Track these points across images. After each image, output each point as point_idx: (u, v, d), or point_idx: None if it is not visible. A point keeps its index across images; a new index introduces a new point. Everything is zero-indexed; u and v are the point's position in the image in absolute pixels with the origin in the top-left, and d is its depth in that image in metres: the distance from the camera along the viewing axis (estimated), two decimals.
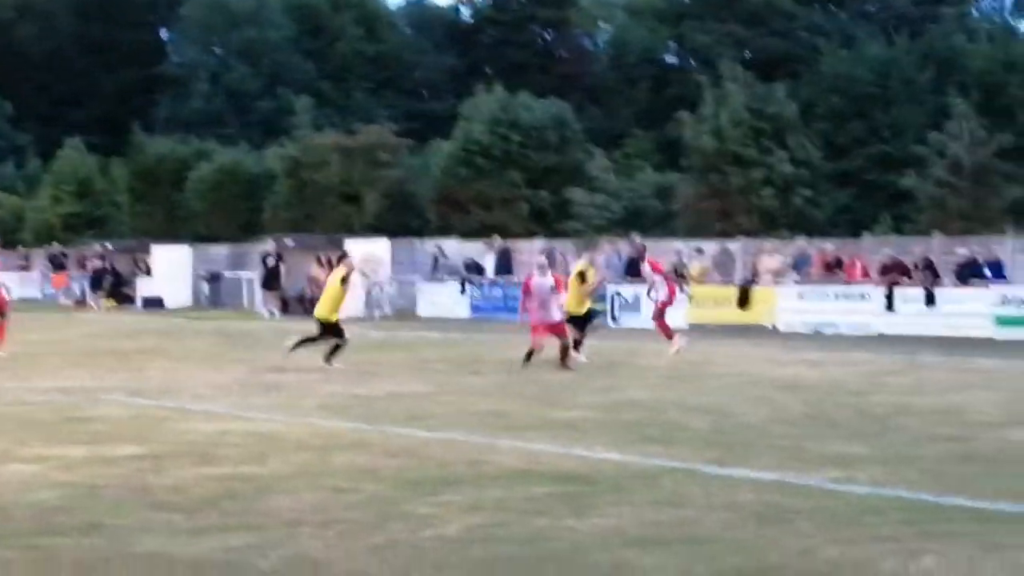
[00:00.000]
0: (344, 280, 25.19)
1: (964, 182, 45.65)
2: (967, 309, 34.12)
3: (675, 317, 34.49)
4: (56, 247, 62.32)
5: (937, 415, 17.16)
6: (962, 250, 36.82)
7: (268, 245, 49.41)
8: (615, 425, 16.34)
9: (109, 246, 57.93)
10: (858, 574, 8.57)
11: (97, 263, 56.40)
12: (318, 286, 48.40)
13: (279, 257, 48.38)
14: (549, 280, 24.60)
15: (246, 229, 60.15)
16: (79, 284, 57.04)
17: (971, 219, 44.45)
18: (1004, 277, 35.36)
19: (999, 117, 51.37)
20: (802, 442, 14.73)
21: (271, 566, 8.94)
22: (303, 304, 49.06)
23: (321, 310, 25.27)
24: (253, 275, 51.18)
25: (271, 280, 48.42)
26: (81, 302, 55.36)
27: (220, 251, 57.57)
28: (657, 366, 25.19)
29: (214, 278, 54.75)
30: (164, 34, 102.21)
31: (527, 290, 24.99)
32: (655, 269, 29.68)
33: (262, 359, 25.79)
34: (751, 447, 14.37)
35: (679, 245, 43.26)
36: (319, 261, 49.36)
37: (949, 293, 34.91)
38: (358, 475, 12.49)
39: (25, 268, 62.89)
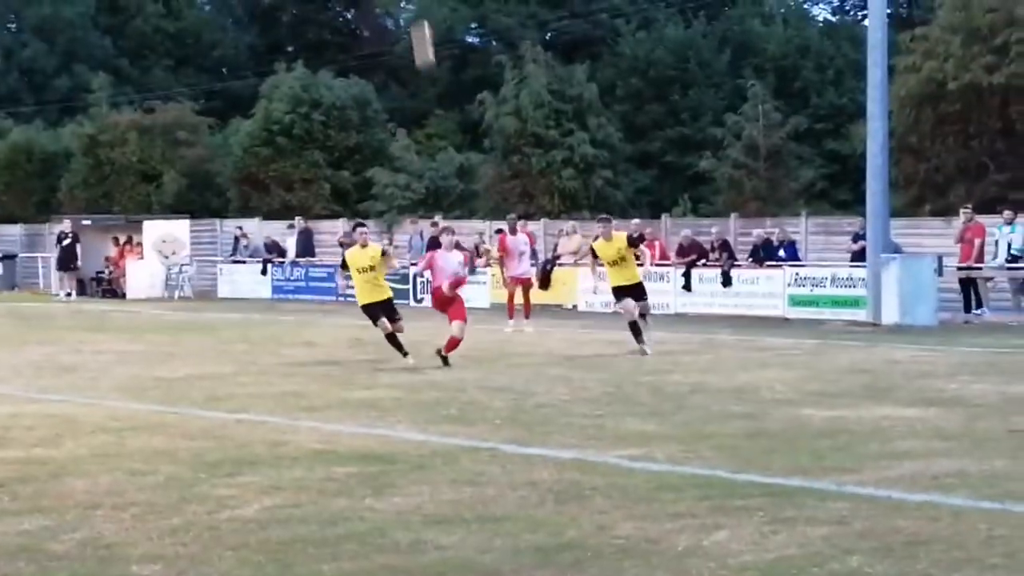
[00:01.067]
0: (384, 254, 22.17)
1: (760, 164, 46.51)
2: (762, 289, 34.83)
3: (477, 297, 34.73)
4: None
5: (732, 393, 17.50)
6: (758, 231, 37.56)
7: (64, 225, 48.56)
8: (416, 405, 16.40)
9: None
10: (653, 549, 8.72)
11: None
12: (116, 267, 48.00)
13: (75, 237, 47.59)
14: (457, 256, 22.78)
15: (42, 209, 59.04)
16: None
17: (767, 201, 45.34)
18: (798, 258, 36.15)
19: (793, 100, 52.45)
20: (601, 421, 14.92)
21: (65, 549, 8.82)
22: (99, 285, 48.44)
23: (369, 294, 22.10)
24: (49, 255, 50.30)
25: (67, 261, 47.63)
26: None
27: (14, 231, 56.45)
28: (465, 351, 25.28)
29: (8, 258, 53.70)
30: None
31: (430, 267, 22.70)
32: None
33: (57, 340, 25.32)
34: (550, 426, 14.52)
35: (480, 225, 43.52)
36: (116, 241, 48.81)
37: (745, 274, 35.60)
38: (155, 457, 12.37)
39: None
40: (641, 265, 24.89)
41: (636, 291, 24.03)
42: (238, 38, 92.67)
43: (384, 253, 22.17)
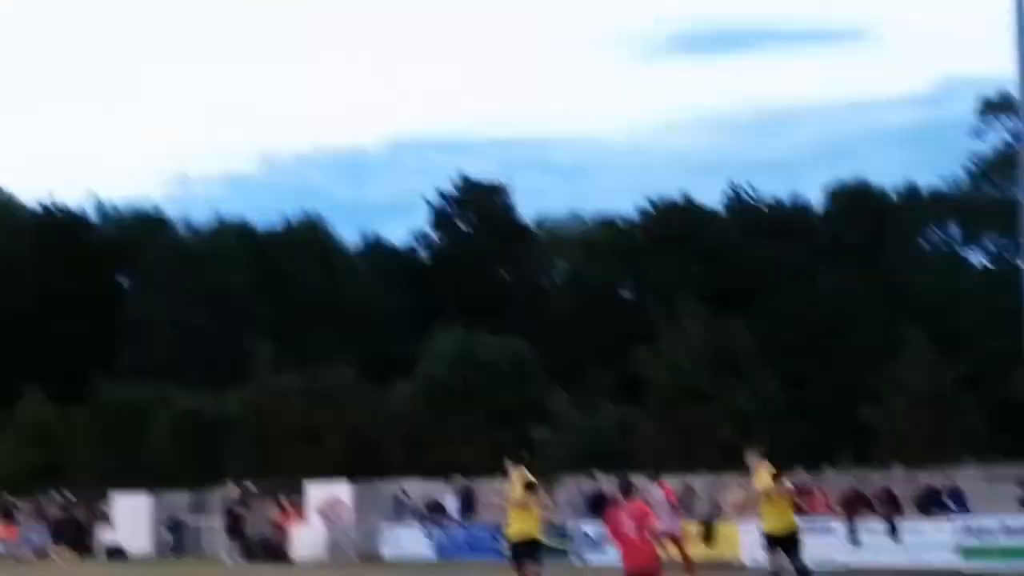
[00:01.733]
0: (530, 486, 22.09)
1: (921, 412, 46.05)
2: (930, 540, 34.17)
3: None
4: (6, 497, 61.76)
5: None
6: (922, 480, 37.01)
7: (229, 490, 49.26)
8: None
9: (69, 495, 57.53)
10: None
11: (57, 513, 56.01)
12: (281, 530, 48.43)
13: (241, 502, 48.20)
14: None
15: (207, 474, 59.91)
16: (36, 535, 56.39)
17: (930, 449, 44.74)
18: (966, 507, 35.48)
19: (953, 346, 52.08)
20: None
21: None
22: (265, 549, 48.84)
23: (520, 528, 22.01)
24: (215, 521, 50.89)
25: (234, 526, 48.17)
26: (43, 554, 54.74)
27: (182, 498, 57.28)
28: None
29: (176, 525, 54.35)
30: (125, 281, 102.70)
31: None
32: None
33: None
34: None
35: (641, 481, 43.32)
36: (279, 505, 49.31)
37: (912, 524, 35.00)
38: None
39: None
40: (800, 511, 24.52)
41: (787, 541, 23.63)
42: (396, 300, 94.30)
43: (532, 485, 21.93)
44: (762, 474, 23.61)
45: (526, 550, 21.80)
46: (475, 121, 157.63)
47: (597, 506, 39.41)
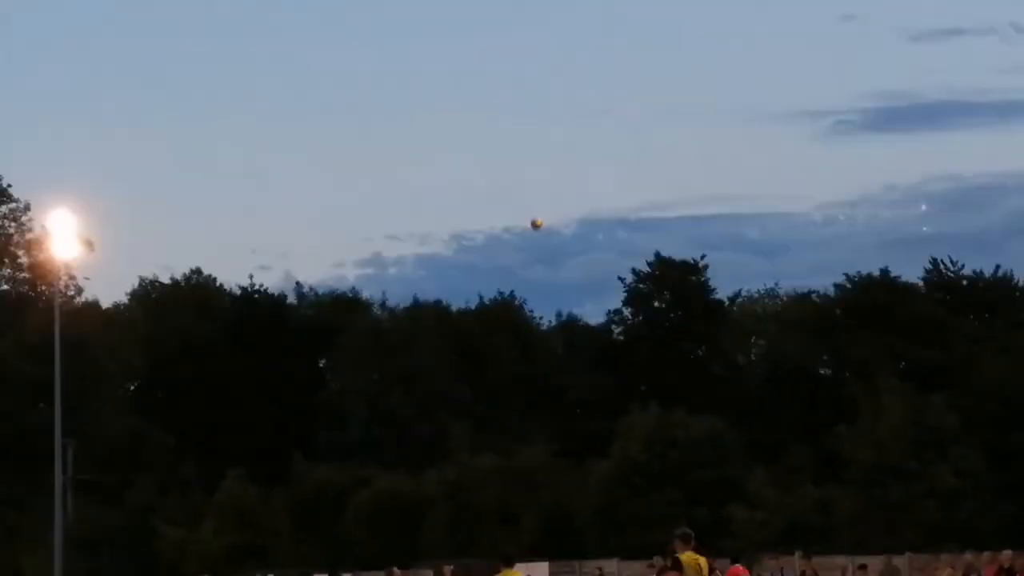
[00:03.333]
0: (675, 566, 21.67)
1: None
2: None
3: None
4: None
5: None
6: None
7: (430, 573, 49.37)
8: None
9: None
10: None
11: None
12: None
13: None
14: None
15: (405, 554, 60.15)
16: None
17: None
18: None
19: None
20: None
21: None
22: None
23: None
24: None
25: None
26: None
27: None
28: None
29: None
30: (323, 363, 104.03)
31: None
32: None
33: None
34: None
35: (842, 561, 42.56)
36: None
37: None
38: None
39: None
40: None
41: None
42: (591, 378, 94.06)
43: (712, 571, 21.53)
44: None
45: None
46: (668, 199, 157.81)
47: None
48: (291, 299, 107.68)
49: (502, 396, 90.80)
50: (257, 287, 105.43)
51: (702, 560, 21.51)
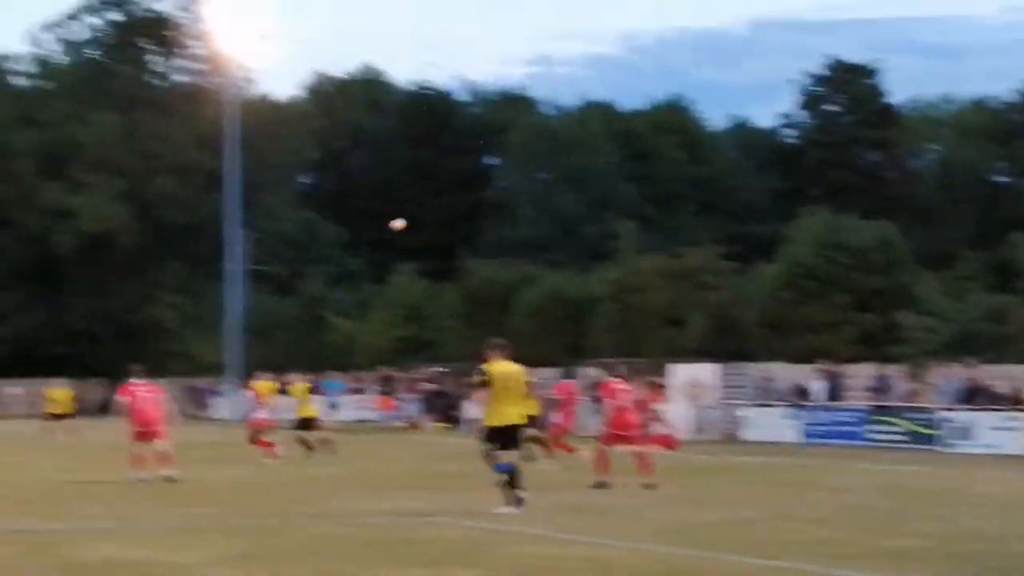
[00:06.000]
0: None
1: None
2: None
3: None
4: (384, 371, 63.80)
5: None
6: None
7: (593, 371, 49.65)
8: (953, 557, 15.82)
9: (440, 369, 59.05)
10: None
11: (428, 386, 57.57)
12: (646, 410, 48.56)
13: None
14: None
15: (571, 353, 60.60)
16: (410, 406, 58.15)
17: None
18: None
19: None
20: None
21: None
22: None
23: None
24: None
25: (598, 404, 48.63)
26: (413, 424, 56.46)
27: (547, 374, 58.05)
28: (995, 494, 24.43)
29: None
30: (491, 160, 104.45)
31: None
32: None
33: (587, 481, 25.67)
34: None
35: (1016, 370, 42.06)
36: (646, 385, 49.28)
37: None
38: None
39: (359, 391, 64.42)
40: None
41: None
42: (761, 182, 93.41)
43: None
44: None
45: None
46: (840, 2, 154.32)
47: (968, 395, 38.55)
48: (459, 96, 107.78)
49: (670, 198, 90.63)
50: (426, 83, 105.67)
51: (515, 368, 20.90)
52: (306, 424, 35.59)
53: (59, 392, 51.09)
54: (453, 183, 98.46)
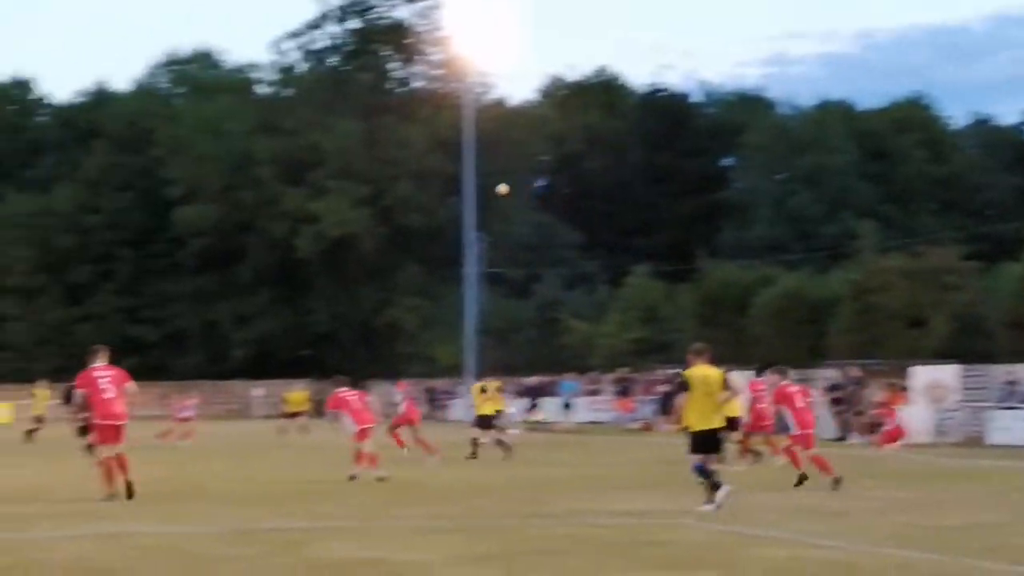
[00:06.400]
0: None
1: None
2: None
3: None
4: (621, 372, 63.83)
5: None
6: None
7: (831, 373, 49.13)
8: None
9: (676, 371, 58.87)
10: None
11: (663, 387, 57.43)
12: (886, 412, 47.88)
13: (856, 382, 47.98)
14: None
15: (810, 354, 59.95)
16: (646, 408, 58.12)
17: None
18: None
19: None
20: None
21: None
22: (872, 432, 48.44)
23: None
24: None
25: (840, 406, 48.13)
26: (647, 425, 56.40)
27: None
28: None
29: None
30: (727, 161, 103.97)
31: None
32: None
33: (828, 485, 25.37)
34: None
35: None
36: (886, 386, 48.62)
37: None
38: None
39: (594, 393, 64.58)
40: None
41: None
42: (1005, 181, 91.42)
43: None
44: None
45: None
46: None
47: None
48: (696, 97, 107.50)
49: (910, 197, 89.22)
50: (662, 85, 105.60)
51: (714, 373, 21.11)
52: (483, 422, 36.78)
53: (295, 394, 52.38)
54: (689, 185, 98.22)
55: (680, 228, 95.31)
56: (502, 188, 37.64)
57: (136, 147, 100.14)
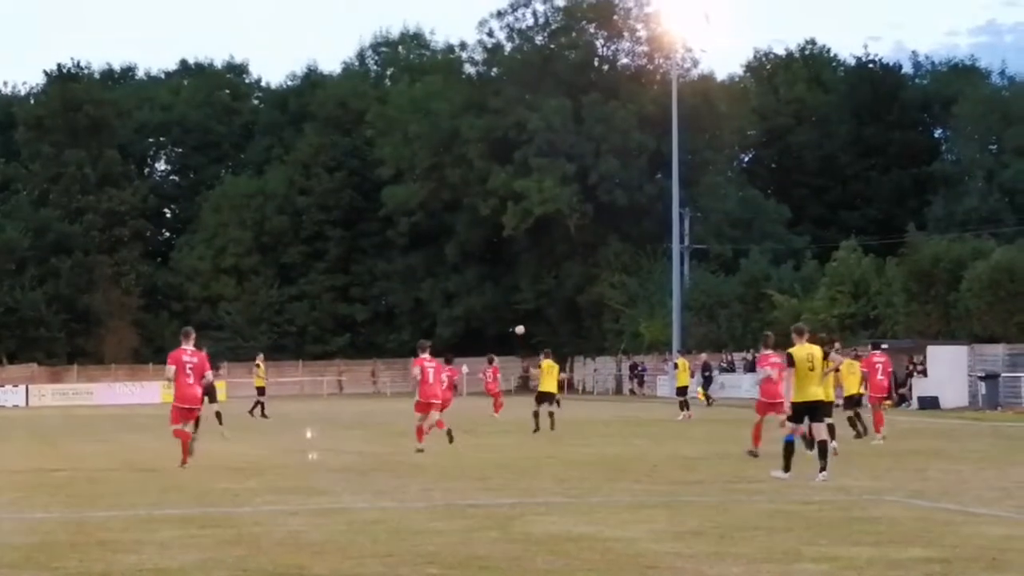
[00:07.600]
0: None
1: None
2: None
3: None
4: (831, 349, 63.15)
5: None
6: None
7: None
8: None
9: (884, 346, 58.13)
10: None
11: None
12: None
13: None
14: None
15: (1020, 331, 58.75)
16: None
17: None
18: None
19: None
20: None
21: None
22: None
23: None
24: None
25: None
26: None
27: (996, 351, 56.54)
28: None
29: (990, 378, 53.77)
30: (938, 133, 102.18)
31: None
32: None
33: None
34: None
35: None
36: None
37: None
38: None
39: None
40: None
41: None
42: None
43: None
44: None
45: None
46: None
47: None
48: (905, 69, 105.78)
49: None
50: (870, 57, 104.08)
51: (816, 350, 22.77)
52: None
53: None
54: (899, 157, 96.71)
55: (889, 202, 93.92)
56: (519, 329, 42.33)
57: (346, 128, 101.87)
